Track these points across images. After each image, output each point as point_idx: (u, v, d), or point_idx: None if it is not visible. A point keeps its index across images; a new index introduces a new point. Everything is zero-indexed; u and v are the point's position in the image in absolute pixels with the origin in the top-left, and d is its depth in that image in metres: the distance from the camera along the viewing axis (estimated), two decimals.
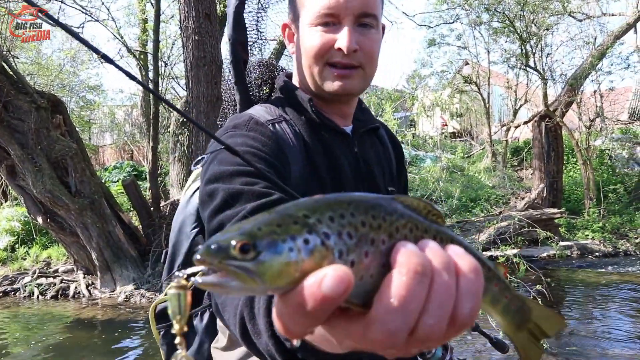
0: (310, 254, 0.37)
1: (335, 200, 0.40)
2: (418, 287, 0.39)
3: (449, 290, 0.40)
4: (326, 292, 0.36)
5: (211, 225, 0.90)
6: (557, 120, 10.83)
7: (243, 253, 0.37)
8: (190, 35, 6.81)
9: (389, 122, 6.68)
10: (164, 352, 1.34)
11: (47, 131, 7.14)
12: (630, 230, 10.20)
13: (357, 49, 1.04)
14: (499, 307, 0.53)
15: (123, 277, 7.61)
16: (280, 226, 0.38)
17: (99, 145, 19.27)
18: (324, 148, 1.11)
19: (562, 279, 7.76)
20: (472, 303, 0.41)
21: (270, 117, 1.09)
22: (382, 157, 1.27)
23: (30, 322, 6.66)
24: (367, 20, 1.05)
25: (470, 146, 17.36)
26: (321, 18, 1.04)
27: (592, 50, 11.54)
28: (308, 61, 1.08)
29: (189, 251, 1.27)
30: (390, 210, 0.42)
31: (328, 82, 1.08)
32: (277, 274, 0.37)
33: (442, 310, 0.40)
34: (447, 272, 0.41)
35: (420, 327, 0.40)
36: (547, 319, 0.61)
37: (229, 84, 1.30)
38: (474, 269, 0.42)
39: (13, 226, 9.78)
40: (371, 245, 0.40)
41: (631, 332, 5.29)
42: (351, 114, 1.21)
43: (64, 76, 15.67)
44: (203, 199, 0.95)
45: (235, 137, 1.01)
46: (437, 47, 15.79)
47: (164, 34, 12.49)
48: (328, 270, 0.36)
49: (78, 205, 7.16)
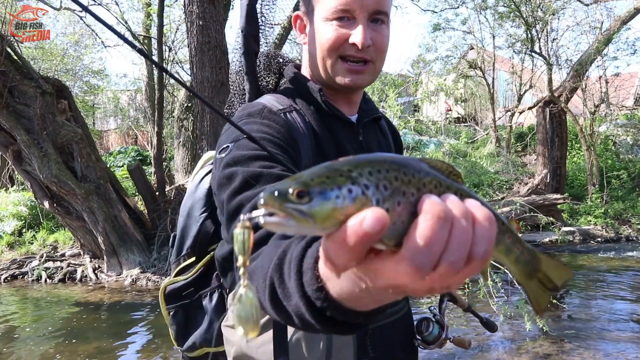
0: (353, 201, 0.44)
1: (374, 159, 0.47)
2: (441, 230, 0.45)
3: (467, 234, 0.47)
4: (366, 229, 0.42)
5: (230, 205, 0.94)
6: (562, 106, 10.80)
7: (299, 198, 0.44)
8: (194, 20, 6.80)
9: (392, 108, 6.70)
10: (172, 331, 1.39)
11: (52, 116, 7.18)
12: (632, 216, 10.24)
13: (370, 44, 1.09)
14: (512, 257, 0.60)
15: (129, 261, 7.71)
16: (329, 177, 0.45)
17: (103, 130, 19.32)
18: (332, 136, 1.17)
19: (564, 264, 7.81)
20: (485, 246, 0.48)
21: (281, 106, 1.14)
22: (383, 145, 1.33)
23: (39, 304, 6.78)
24: (379, 16, 1.10)
25: (474, 131, 17.33)
26: (337, 14, 1.08)
27: (598, 35, 11.46)
28: (322, 54, 1.12)
29: (197, 234, 1.32)
30: (419, 168, 0.49)
31: (340, 76, 1.13)
32: (326, 216, 0.44)
33: (460, 250, 0.46)
34: (465, 219, 0.47)
35: (442, 263, 0.46)
36: (555, 270, 0.69)
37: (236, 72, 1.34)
38: (488, 218, 0.49)
39: (20, 211, 9.88)
40: (402, 196, 0.47)
41: (629, 316, 5.35)
42: (357, 103, 1.26)
43: (68, 60, 15.66)
44: (221, 181, 0.99)
45: (250, 124, 1.05)
46: (442, 31, 15.70)
47: (168, 19, 12.46)
48: (368, 212, 0.43)
49: (84, 190, 7.24)
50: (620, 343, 4.59)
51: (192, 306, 1.37)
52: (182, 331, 1.39)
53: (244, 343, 1.18)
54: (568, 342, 4.60)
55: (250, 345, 1.17)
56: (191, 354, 1.39)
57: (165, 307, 1.39)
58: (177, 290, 1.37)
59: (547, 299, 0.69)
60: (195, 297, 1.36)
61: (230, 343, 1.23)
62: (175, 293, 1.37)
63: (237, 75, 1.34)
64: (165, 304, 1.39)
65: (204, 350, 1.37)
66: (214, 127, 6.66)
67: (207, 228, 1.31)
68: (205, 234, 1.31)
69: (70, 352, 4.82)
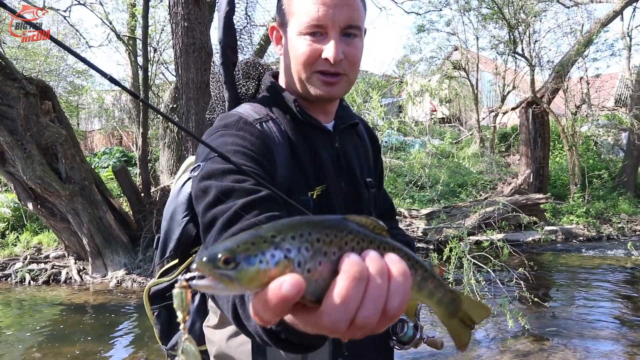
0: (276, 265, 0.50)
1: (298, 223, 0.53)
2: (356, 289, 0.51)
3: (381, 291, 0.52)
4: (285, 292, 0.48)
5: (205, 218, 0.98)
6: (544, 107, 10.96)
7: (226, 264, 0.49)
8: (179, 21, 6.80)
9: (375, 110, 6.76)
10: (157, 331, 1.44)
11: (36, 117, 7.13)
12: (613, 215, 10.42)
13: (342, 58, 1.12)
14: (434, 299, 0.66)
15: (114, 263, 7.68)
16: (254, 244, 0.50)
17: (88, 130, 19.15)
18: (308, 144, 1.19)
19: (546, 263, 7.94)
20: (399, 300, 0.53)
21: (257, 116, 1.16)
22: (360, 150, 1.36)
23: (23, 307, 6.72)
24: (351, 30, 1.12)
25: (459, 132, 17.49)
26: (309, 29, 1.10)
27: (579, 37, 11.64)
28: (296, 67, 1.15)
29: (180, 237, 1.35)
30: (342, 228, 0.55)
31: (314, 88, 1.15)
32: (251, 279, 0.50)
33: (374, 306, 0.52)
34: (380, 277, 0.52)
35: (358, 318, 0.52)
36: (475, 309, 0.75)
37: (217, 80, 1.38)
38: (403, 273, 0.54)
39: (3, 212, 9.78)
40: (324, 256, 0.52)
41: (609, 314, 5.46)
42: (333, 112, 1.29)
43: (52, 61, 15.51)
44: (197, 194, 1.03)
45: (225, 136, 1.08)
46: (426, 33, 15.85)
47: (153, 19, 12.41)
48: (286, 277, 0.49)
49: (68, 191, 7.20)
50: (600, 340, 4.69)
51: None
52: (166, 331, 1.43)
53: (224, 343, 1.23)
54: (549, 340, 4.68)
55: (230, 345, 1.22)
56: (175, 352, 1.42)
57: (150, 307, 1.43)
58: (161, 291, 1.41)
59: (468, 335, 0.76)
60: None
61: (211, 343, 1.28)
62: (159, 294, 1.41)
63: (217, 82, 1.38)
64: (150, 305, 1.43)
65: None
66: (199, 128, 6.67)
67: (190, 231, 1.34)
68: (188, 237, 1.35)
69: (55, 354, 4.80)
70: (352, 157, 1.29)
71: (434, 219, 9.07)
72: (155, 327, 1.44)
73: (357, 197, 1.28)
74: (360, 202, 1.29)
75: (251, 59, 1.35)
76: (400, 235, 1.47)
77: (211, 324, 1.29)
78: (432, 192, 10.37)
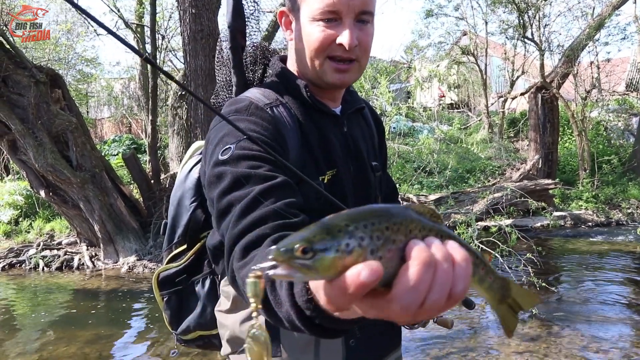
0: (351, 253, 0.52)
1: (367, 212, 0.55)
2: (426, 273, 0.53)
3: (448, 275, 0.55)
4: (363, 279, 0.50)
5: (220, 204, 0.99)
6: (554, 92, 10.87)
7: (304, 254, 0.51)
8: (187, 8, 6.80)
9: (383, 95, 6.75)
10: (167, 316, 1.44)
11: (46, 106, 7.20)
12: (622, 201, 10.36)
13: (357, 44, 1.12)
14: (485, 285, 0.69)
15: (125, 249, 7.78)
16: (329, 233, 0.52)
17: (97, 118, 19.25)
18: (317, 129, 1.20)
19: (554, 248, 7.94)
20: (463, 284, 0.56)
21: (267, 100, 1.16)
22: (366, 134, 1.37)
23: (37, 292, 6.84)
24: (364, 17, 1.12)
25: (467, 117, 17.40)
26: (324, 14, 1.10)
27: (589, 20, 11.50)
28: (310, 53, 1.15)
29: (188, 223, 1.36)
30: (406, 216, 0.57)
31: (327, 75, 1.15)
32: (328, 267, 0.52)
33: (442, 289, 0.54)
34: (446, 262, 0.55)
35: (427, 301, 0.54)
36: (523, 296, 0.78)
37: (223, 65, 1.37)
38: (465, 259, 0.57)
39: (16, 200, 9.90)
40: (392, 243, 0.55)
41: (617, 299, 5.47)
42: (341, 97, 1.30)
43: (60, 49, 15.55)
44: (211, 180, 1.04)
45: (237, 121, 1.08)
46: (434, 18, 15.71)
47: (161, 7, 12.42)
48: (364, 265, 0.51)
49: (79, 178, 7.28)
50: (608, 325, 4.69)
51: (185, 292, 1.42)
52: (176, 316, 1.43)
53: (237, 327, 1.25)
54: (557, 325, 4.70)
55: (243, 329, 1.23)
56: (185, 337, 1.45)
57: (159, 293, 1.44)
58: (170, 276, 1.41)
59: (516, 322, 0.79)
60: (188, 284, 1.41)
61: (224, 327, 1.30)
62: (169, 280, 1.41)
63: (223, 66, 1.37)
64: (159, 290, 1.44)
65: (198, 334, 1.43)
66: (207, 115, 6.69)
67: (198, 217, 1.35)
68: (196, 222, 1.35)
69: (69, 337, 4.90)
70: (359, 141, 1.30)
71: (442, 205, 9.08)
72: (164, 313, 1.45)
73: (365, 181, 1.29)
74: (368, 185, 1.30)
75: (259, 43, 1.35)
76: None
77: (223, 309, 1.30)
78: (440, 177, 10.36)
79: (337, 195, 1.15)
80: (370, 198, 1.32)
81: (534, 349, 4.19)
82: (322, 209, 1.10)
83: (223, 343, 1.31)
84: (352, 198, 1.23)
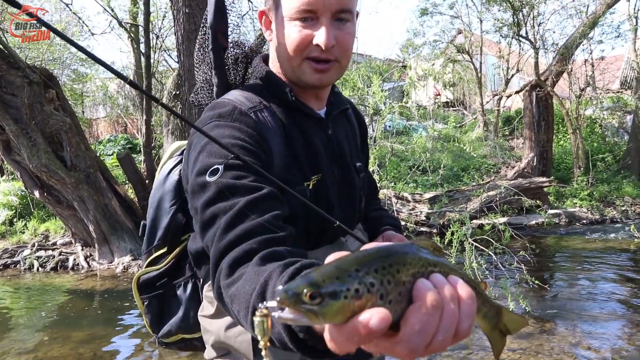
0: (360, 299, 0.51)
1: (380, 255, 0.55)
2: (433, 316, 0.54)
3: (454, 315, 0.56)
4: (373, 327, 0.50)
5: (204, 215, 0.96)
6: (548, 90, 10.90)
7: (312, 299, 0.51)
8: (180, 7, 6.79)
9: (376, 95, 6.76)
10: (147, 319, 1.42)
11: (40, 106, 7.18)
12: (617, 198, 10.39)
13: (334, 44, 1.09)
14: (481, 314, 0.71)
15: (120, 249, 7.77)
16: (339, 278, 0.52)
17: (93, 118, 19.22)
18: (302, 133, 1.18)
19: (548, 246, 7.97)
20: (469, 321, 0.57)
21: (251, 104, 1.14)
22: (349, 135, 1.36)
23: (31, 293, 6.84)
24: (343, 15, 1.09)
25: (462, 116, 17.43)
26: (300, 14, 1.08)
27: (584, 19, 11.53)
28: (288, 54, 1.13)
29: (168, 226, 1.34)
30: (415, 256, 0.57)
31: (306, 75, 1.14)
32: (336, 313, 0.51)
33: (449, 329, 0.55)
34: (452, 302, 0.56)
35: (434, 342, 0.54)
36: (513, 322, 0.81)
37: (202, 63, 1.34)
38: (470, 296, 0.58)
39: (10, 200, 9.89)
40: (402, 286, 0.55)
41: (611, 296, 5.49)
42: (325, 97, 1.28)
43: (55, 49, 15.51)
44: (194, 189, 1.01)
45: (221, 127, 1.06)
46: (429, 16, 15.72)
47: (154, 6, 12.38)
48: (374, 312, 0.51)
49: (74, 179, 7.27)
50: (601, 322, 4.72)
51: (166, 296, 1.40)
52: (157, 320, 1.41)
53: (222, 333, 1.23)
54: (550, 322, 4.72)
55: (228, 335, 1.21)
56: (167, 339, 1.43)
57: (140, 297, 1.42)
58: (150, 280, 1.39)
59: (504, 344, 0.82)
60: (168, 287, 1.39)
61: (208, 332, 1.28)
62: (149, 283, 1.39)
63: (203, 64, 1.34)
64: (139, 294, 1.41)
65: (180, 336, 1.41)
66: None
67: (178, 220, 1.32)
68: (177, 225, 1.33)
69: (63, 338, 4.90)
70: (343, 143, 1.29)
71: (437, 203, 9.10)
72: (145, 317, 1.42)
73: (350, 184, 1.28)
74: (353, 188, 1.30)
75: (240, 41, 1.32)
76: (389, 217, 1.49)
77: (207, 314, 1.28)
78: (434, 176, 10.38)
79: (322, 200, 1.15)
80: (354, 200, 1.31)
81: (527, 345, 4.21)
82: (308, 216, 1.11)
83: (207, 347, 1.30)
84: (337, 201, 1.23)
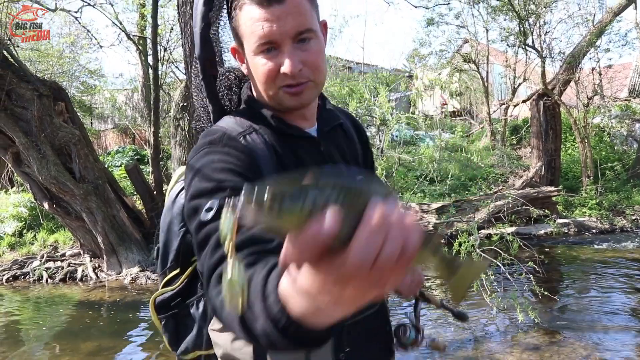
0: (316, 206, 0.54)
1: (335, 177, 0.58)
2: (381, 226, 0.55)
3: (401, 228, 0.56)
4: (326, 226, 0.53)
5: (198, 236, 1.00)
6: (555, 99, 10.87)
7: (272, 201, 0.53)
8: (187, 20, 6.81)
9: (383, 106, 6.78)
10: (166, 338, 1.46)
11: (50, 118, 7.26)
12: (627, 207, 10.29)
13: (301, 68, 1.10)
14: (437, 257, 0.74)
15: (129, 260, 7.80)
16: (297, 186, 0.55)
17: (101, 129, 19.36)
18: (293, 153, 1.19)
19: (557, 256, 7.91)
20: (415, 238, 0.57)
21: (241, 129, 1.16)
22: (346, 150, 1.35)
23: (41, 304, 6.87)
24: (304, 35, 1.10)
25: (469, 125, 17.41)
26: (261, 47, 1.10)
27: (590, 27, 11.51)
28: (261, 86, 1.16)
29: (179, 248, 1.38)
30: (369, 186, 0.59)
31: (285, 101, 1.16)
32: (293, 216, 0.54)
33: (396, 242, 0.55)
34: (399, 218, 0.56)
35: (381, 255, 0.55)
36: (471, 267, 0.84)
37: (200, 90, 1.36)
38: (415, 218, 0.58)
39: (20, 212, 9.96)
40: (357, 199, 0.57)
41: (621, 307, 5.44)
42: (314, 114, 1.28)
43: (64, 62, 15.67)
44: (188, 213, 1.05)
45: (211, 154, 1.09)
46: (435, 26, 15.73)
47: (162, 19, 12.48)
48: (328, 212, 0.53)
49: (83, 190, 7.32)
50: (611, 333, 4.67)
51: (181, 314, 1.43)
52: (175, 338, 1.45)
53: (229, 345, 1.25)
54: (560, 333, 4.69)
55: (234, 347, 1.24)
56: (185, 357, 1.45)
57: (157, 317, 1.45)
58: (165, 300, 1.42)
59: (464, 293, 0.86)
60: (183, 307, 1.43)
61: (217, 345, 1.31)
62: (165, 304, 1.43)
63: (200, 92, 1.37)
64: (157, 315, 1.45)
65: (197, 354, 1.44)
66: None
67: (188, 241, 1.35)
68: (187, 247, 1.36)
69: (72, 349, 4.92)
70: (338, 159, 1.29)
71: (445, 213, 9.07)
72: (164, 335, 1.46)
73: None
74: None
75: (232, 68, 1.34)
76: None
77: (216, 328, 1.31)
78: (442, 186, 10.35)
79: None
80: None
81: (536, 357, 4.18)
82: None
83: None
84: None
